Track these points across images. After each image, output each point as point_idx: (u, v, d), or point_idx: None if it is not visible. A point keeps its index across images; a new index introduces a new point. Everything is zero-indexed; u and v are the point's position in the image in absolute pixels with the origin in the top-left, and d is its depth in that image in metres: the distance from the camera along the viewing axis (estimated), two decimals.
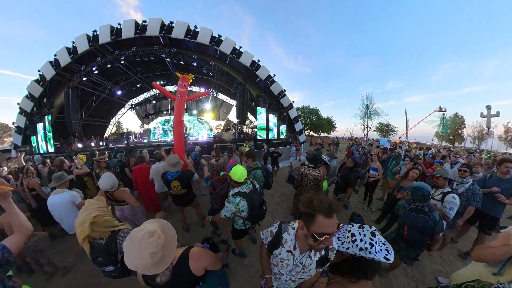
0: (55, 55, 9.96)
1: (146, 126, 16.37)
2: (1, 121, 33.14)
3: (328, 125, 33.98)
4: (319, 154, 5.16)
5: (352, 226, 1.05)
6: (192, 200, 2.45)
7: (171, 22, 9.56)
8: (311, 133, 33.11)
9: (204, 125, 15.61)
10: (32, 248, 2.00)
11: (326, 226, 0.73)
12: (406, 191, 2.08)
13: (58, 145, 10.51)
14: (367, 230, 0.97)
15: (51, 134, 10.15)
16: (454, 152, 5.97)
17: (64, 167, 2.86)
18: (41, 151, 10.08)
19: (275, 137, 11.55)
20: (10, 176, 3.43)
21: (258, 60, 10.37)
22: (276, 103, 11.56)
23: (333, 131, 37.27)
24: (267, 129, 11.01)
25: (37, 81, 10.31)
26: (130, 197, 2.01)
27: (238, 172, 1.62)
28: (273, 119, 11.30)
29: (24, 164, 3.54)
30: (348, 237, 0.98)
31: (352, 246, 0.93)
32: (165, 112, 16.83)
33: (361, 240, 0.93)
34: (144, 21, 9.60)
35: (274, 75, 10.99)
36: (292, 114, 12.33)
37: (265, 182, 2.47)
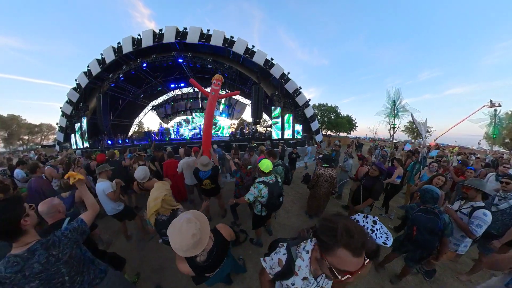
0: (87, 66, 11.75)
1: (165, 125, 17.87)
2: (47, 122, 39.50)
3: (348, 124, 32.26)
4: (337, 156, 5.13)
5: (358, 215, 1.17)
6: (218, 191, 2.86)
7: (185, 28, 10.28)
8: (329, 132, 32.00)
9: (218, 124, 16.36)
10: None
11: (351, 264, 0.58)
12: (416, 192, 2.05)
13: (92, 142, 12.33)
14: (370, 219, 1.11)
15: (86, 133, 12.08)
16: (505, 160, 5.01)
17: (114, 158, 3.48)
18: (78, 147, 12.10)
19: (291, 136, 11.53)
20: (59, 166, 4.12)
21: (272, 59, 10.50)
22: (291, 101, 11.56)
23: (353, 131, 35.46)
24: (282, 128, 11.06)
25: (74, 88, 12.28)
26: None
27: (265, 164, 1.98)
28: (288, 118, 11.31)
29: (75, 157, 4.30)
30: None
31: None
32: (182, 112, 18.36)
33: (363, 226, 1.06)
34: (161, 30, 10.58)
35: (289, 73, 11.00)
36: (308, 112, 12.20)
37: (285, 178, 2.77)
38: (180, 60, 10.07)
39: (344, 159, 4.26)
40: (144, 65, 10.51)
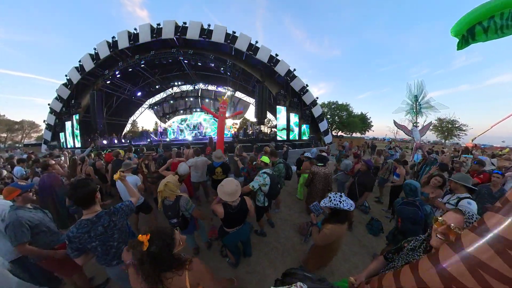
0: (79, 61, 12.37)
1: (163, 125, 18.67)
2: (29, 119, 39.40)
3: (362, 123, 32.58)
4: (341, 156, 5.71)
5: (330, 193, 1.79)
6: None
7: (184, 23, 10.93)
8: (340, 133, 32.38)
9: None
10: None
11: None
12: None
13: (83, 141, 12.94)
14: (338, 195, 1.74)
15: (78, 132, 12.75)
16: None
17: (118, 157, 4.10)
18: (69, 146, 12.80)
19: (297, 138, 12.02)
20: (65, 165, 4.76)
21: (276, 55, 11.04)
22: (297, 100, 12.10)
23: (368, 131, 35.75)
24: (288, 129, 11.57)
25: (65, 84, 12.92)
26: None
27: (265, 159, 2.97)
28: (294, 118, 11.84)
29: (83, 156, 5.00)
30: (328, 200, 1.75)
31: (330, 204, 1.71)
32: (181, 111, 19.27)
33: (334, 199, 1.70)
34: (159, 24, 11.25)
35: (295, 70, 11.53)
36: (316, 112, 12.69)
37: (286, 173, 3.50)
38: (181, 58, 10.76)
39: (342, 160, 4.90)
40: (143, 62, 11.24)
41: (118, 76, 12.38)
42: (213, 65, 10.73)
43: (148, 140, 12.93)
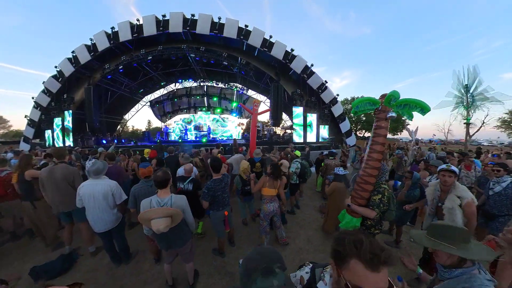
0: (73, 52, 13.85)
1: (163, 124, 20.85)
2: None
3: (393, 122, 34.01)
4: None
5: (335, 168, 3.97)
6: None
7: (193, 15, 12.62)
8: (366, 133, 33.86)
9: (228, 125, 19.27)
10: None
11: (365, 279, 0.76)
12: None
13: (75, 140, 14.63)
14: (337, 168, 4.28)
15: (71, 129, 14.27)
16: None
17: (160, 153, 6.32)
18: (56, 145, 14.05)
19: (315, 140, 13.72)
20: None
21: (292, 50, 12.74)
22: (315, 99, 13.84)
23: (402, 131, 37.18)
24: (305, 131, 13.29)
25: (54, 77, 14.31)
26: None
27: (297, 152, 5.96)
28: (311, 118, 13.58)
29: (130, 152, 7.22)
30: (334, 171, 4.15)
31: (334, 172, 4.25)
32: (185, 110, 21.42)
33: (335, 171, 4.29)
34: (164, 16, 12.95)
35: (312, 65, 13.28)
36: (336, 111, 14.31)
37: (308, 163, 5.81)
38: (192, 55, 12.72)
39: (358, 159, 6.88)
40: (149, 58, 13.17)
41: (121, 70, 14.08)
42: (226, 63, 12.62)
43: (158, 141, 15.07)
